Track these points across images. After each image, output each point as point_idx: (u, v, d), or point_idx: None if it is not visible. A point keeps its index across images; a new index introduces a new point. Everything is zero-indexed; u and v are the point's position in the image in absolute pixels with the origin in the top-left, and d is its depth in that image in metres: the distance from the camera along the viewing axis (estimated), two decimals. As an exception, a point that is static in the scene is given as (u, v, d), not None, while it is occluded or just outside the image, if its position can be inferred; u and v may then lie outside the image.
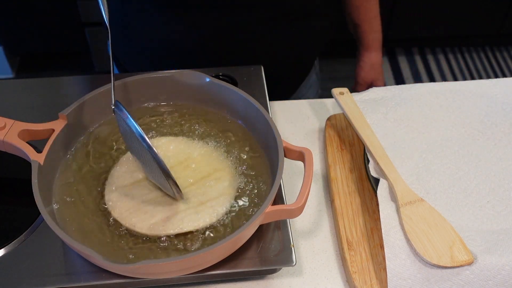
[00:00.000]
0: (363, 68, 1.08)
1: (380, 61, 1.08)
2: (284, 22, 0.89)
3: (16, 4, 2.01)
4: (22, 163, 0.66)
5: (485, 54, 2.47)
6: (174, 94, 0.76)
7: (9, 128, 0.65)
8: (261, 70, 0.85)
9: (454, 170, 0.73)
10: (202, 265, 0.59)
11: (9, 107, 0.81)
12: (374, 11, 1.02)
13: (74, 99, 0.69)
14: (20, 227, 0.65)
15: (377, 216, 0.70)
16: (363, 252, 0.67)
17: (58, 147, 0.67)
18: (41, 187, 0.60)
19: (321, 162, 0.81)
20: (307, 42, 0.95)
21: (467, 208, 0.68)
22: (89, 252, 0.55)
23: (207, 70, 0.81)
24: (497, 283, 0.60)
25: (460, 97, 0.81)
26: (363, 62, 1.08)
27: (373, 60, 1.07)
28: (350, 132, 0.82)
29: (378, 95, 0.81)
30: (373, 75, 1.08)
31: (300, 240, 0.71)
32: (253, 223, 0.57)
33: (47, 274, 0.61)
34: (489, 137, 0.77)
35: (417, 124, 0.78)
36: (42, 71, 2.29)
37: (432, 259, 0.60)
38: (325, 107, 0.90)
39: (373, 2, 1.01)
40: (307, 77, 1.04)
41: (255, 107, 0.69)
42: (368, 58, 1.07)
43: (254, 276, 0.66)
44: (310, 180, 0.61)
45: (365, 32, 1.04)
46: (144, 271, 0.57)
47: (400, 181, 0.68)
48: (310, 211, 0.74)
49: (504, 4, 2.25)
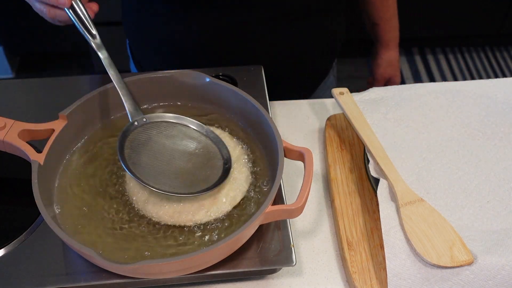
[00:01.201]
0: (381, 65, 1.10)
1: (397, 58, 1.11)
2: (285, 22, 0.89)
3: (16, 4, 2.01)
4: (22, 163, 0.66)
5: (485, 54, 2.47)
6: (174, 94, 0.76)
7: (9, 128, 0.65)
8: (261, 70, 0.85)
9: (454, 170, 0.73)
10: (202, 265, 0.59)
11: (9, 107, 0.81)
12: (392, 9, 1.04)
13: (74, 99, 0.69)
14: (20, 227, 0.65)
15: (377, 216, 0.70)
16: (363, 252, 0.67)
17: (58, 147, 0.67)
18: (41, 187, 0.60)
19: (321, 162, 0.81)
20: (312, 42, 0.95)
21: (467, 208, 0.68)
22: (89, 252, 0.55)
23: (207, 70, 0.82)
24: (497, 283, 0.60)
25: (460, 97, 0.81)
26: (380, 59, 1.10)
27: (391, 57, 1.10)
28: (350, 132, 0.82)
29: (378, 95, 0.81)
30: (391, 71, 1.11)
31: (300, 240, 0.71)
32: (253, 223, 0.57)
33: (47, 274, 0.61)
34: (489, 137, 0.77)
35: (417, 124, 0.78)
36: (42, 71, 2.29)
37: (432, 259, 0.60)
38: (325, 107, 0.90)
39: (391, 1, 1.03)
40: (325, 79, 1.05)
41: (255, 107, 0.69)
42: (386, 55, 1.09)
43: (254, 276, 0.66)
44: (310, 180, 0.61)
45: (383, 30, 1.06)
46: (144, 271, 0.57)
47: (400, 181, 0.68)
48: (310, 211, 0.74)
49: (504, 4, 2.25)
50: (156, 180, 0.63)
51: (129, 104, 0.68)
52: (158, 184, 0.63)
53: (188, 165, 0.66)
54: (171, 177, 0.64)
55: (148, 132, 0.68)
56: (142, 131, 0.67)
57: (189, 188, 0.63)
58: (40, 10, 0.66)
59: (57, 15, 0.65)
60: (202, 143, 0.68)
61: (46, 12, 0.66)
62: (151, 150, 0.66)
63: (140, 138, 0.67)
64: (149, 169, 0.64)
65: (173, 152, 0.67)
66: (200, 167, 0.66)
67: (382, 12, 1.04)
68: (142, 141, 0.67)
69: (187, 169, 0.66)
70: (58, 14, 0.65)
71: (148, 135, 0.67)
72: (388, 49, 1.09)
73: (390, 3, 1.03)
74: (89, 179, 0.68)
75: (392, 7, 1.04)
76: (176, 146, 0.67)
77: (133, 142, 0.66)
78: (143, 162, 0.65)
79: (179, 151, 0.67)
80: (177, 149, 0.67)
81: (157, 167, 0.65)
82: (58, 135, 0.66)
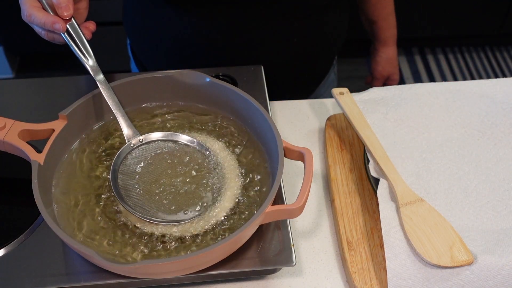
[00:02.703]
0: (379, 63, 1.11)
1: (396, 55, 1.11)
2: (286, 21, 0.89)
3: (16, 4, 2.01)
4: (22, 163, 0.66)
5: (485, 54, 2.46)
6: (174, 94, 0.76)
7: (9, 128, 0.65)
8: (261, 70, 0.85)
9: (454, 170, 0.73)
10: (202, 265, 0.59)
11: (9, 107, 0.81)
12: (390, 7, 1.05)
13: (74, 99, 0.69)
14: (20, 227, 0.65)
15: (377, 216, 0.70)
16: (363, 252, 0.67)
17: (58, 147, 0.67)
18: (41, 187, 0.60)
19: (321, 162, 0.81)
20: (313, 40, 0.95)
21: (467, 208, 0.68)
22: (89, 252, 0.55)
23: (207, 70, 0.82)
24: (497, 283, 0.60)
25: (460, 97, 0.81)
26: (379, 57, 1.11)
27: (390, 55, 1.10)
28: (350, 132, 0.82)
29: (378, 95, 0.81)
30: (390, 69, 1.11)
31: (300, 240, 0.71)
32: (253, 223, 0.57)
33: (47, 274, 0.61)
34: (489, 137, 0.77)
35: (417, 124, 0.78)
36: (42, 71, 2.28)
37: (432, 259, 0.60)
38: (325, 107, 0.90)
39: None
40: (326, 77, 1.05)
41: (255, 107, 0.69)
42: (385, 53, 1.10)
43: (254, 276, 0.66)
44: (310, 180, 0.61)
45: (381, 28, 1.07)
46: (144, 271, 0.57)
47: (400, 181, 0.68)
48: (310, 211, 0.74)
49: (504, 4, 2.25)
50: (147, 205, 0.64)
51: (126, 127, 0.68)
52: (149, 207, 0.63)
53: (180, 189, 0.66)
54: (162, 201, 0.65)
55: (142, 154, 0.68)
56: (136, 154, 0.68)
57: (181, 211, 0.64)
58: (39, 32, 0.68)
59: (55, 38, 0.67)
60: (194, 161, 0.69)
61: (44, 35, 0.68)
62: (144, 173, 0.67)
63: (133, 163, 0.67)
64: (141, 194, 0.65)
65: (165, 174, 0.67)
66: (193, 190, 0.66)
67: (380, 10, 1.04)
68: (134, 166, 0.67)
69: (179, 192, 0.66)
70: (56, 37, 0.67)
71: (141, 158, 0.68)
72: (387, 47, 1.09)
73: (388, 1, 1.03)
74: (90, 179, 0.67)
75: (390, 5, 1.04)
76: (168, 167, 0.68)
77: (126, 165, 0.67)
78: (135, 187, 0.65)
79: (171, 173, 0.67)
80: (169, 171, 0.67)
81: (149, 191, 0.65)
82: (58, 135, 0.66)
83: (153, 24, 0.93)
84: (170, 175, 0.67)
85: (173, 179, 0.66)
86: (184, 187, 0.66)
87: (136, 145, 0.68)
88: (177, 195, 0.65)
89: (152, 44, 0.96)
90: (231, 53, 0.91)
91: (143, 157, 0.68)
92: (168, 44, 0.93)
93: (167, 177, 0.67)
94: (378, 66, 1.11)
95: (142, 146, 0.69)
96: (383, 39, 1.08)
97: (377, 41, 1.09)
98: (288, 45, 0.92)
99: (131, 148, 0.68)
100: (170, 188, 0.66)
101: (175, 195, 0.65)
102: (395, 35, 1.09)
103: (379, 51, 1.10)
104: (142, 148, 0.68)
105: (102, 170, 0.69)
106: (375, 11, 1.05)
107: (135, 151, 0.68)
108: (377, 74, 1.12)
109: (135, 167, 0.67)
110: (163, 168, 0.67)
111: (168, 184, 0.66)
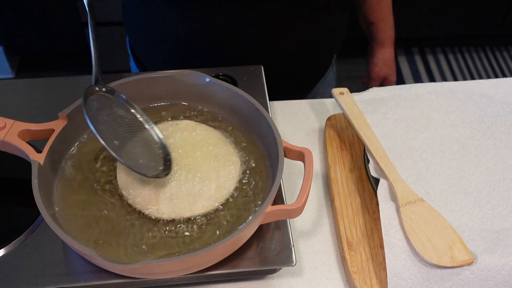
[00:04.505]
0: (377, 64, 1.11)
1: (393, 56, 1.11)
2: (286, 20, 0.89)
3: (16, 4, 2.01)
4: (22, 163, 0.66)
5: (485, 54, 2.47)
6: (174, 94, 0.76)
7: (9, 128, 0.65)
8: (261, 70, 0.85)
9: (454, 170, 0.73)
10: (202, 265, 0.59)
11: (9, 107, 0.81)
12: (388, 9, 1.05)
13: (74, 99, 0.69)
14: (20, 227, 0.65)
15: (377, 216, 0.70)
16: (363, 252, 0.67)
17: (58, 147, 0.67)
18: (41, 187, 0.60)
19: (321, 162, 0.81)
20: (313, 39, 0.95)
21: (467, 208, 0.68)
22: (89, 252, 0.55)
23: (207, 70, 0.82)
24: (497, 283, 0.60)
25: (460, 97, 0.81)
26: (376, 58, 1.11)
27: (386, 56, 1.10)
28: (350, 132, 0.82)
29: (378, 95, 0.81)
30: (387, 70, 1.11)
31: (300, 240, 0.71)
32: (253, 223, 0.57)
33: (47, 274, 0.61)
34: (489, 137, 0.77)
35: (417, 124, 0.78)
36: (42, 71, 2.28)
37: (432, 259, 0.60)
38: (325, 107, 0.90)
39: (386, 0, 1.03)
40: (324, 75, 1.05)
41: (255, 107, 0.70)
42: (382, 54, 1.10)
43: (254, 276, 0.66)
44: (310, 180, 0.61)
45: (379, 29, 1.07)
46: (144, 271, 0.57)
47: (400, 181, 0.68)
48: (310, 211, 0.74)
49: (504, 4, 2.25)
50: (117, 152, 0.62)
51: (97, 70, 0.66)
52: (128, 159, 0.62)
53: (137, 149, 0.65)
54: (128, 153, 0.63)
55: (107, 102, 0.66)
56: (102, 98, 0.65)
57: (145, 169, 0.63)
58: None
59: None
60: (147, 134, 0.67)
61: None
62: (110, 119, 0.65)
63: (100, 104, 0.65)
64: (110, 136, 0.63)
65: (126, 130, 0.66)
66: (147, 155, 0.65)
67: (377, 11, 1.05)
68: (102, 108, 0.64)
69: (137, 152, 0.65)
70: None
71: (107, 105, 0.66)
72: (384, 48, 1.09)
73: (385, 2, 1.03)
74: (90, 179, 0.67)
75: (387, 6, 1.04)
76: (127, 125, 0.66)
77: (94, 104, 0.64)
78: (105, 128, 0.63)
79: (130, 132, 0.66)
80: (129, 129, 0.66)
81: (116, 137, 0.64)
82: (58, 135, 0.66)
83: (153, 24, 0.93)
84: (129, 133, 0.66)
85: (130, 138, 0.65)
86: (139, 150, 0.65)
87: (100, 90, 0.65)
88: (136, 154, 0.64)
89: (152, 44, 0.96)
90: (231, 53, 0.91)
91: (108, 108, 0.65)
92: (168, 44, 0.93)
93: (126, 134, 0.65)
94: (375, 67, 1.11)
95: (106, 95, 0.66)
96: (381, 40, 1.08)
97: (375, 42, 1.09)
98: (288, 45, 0.92)
99: (96, 91, 0.65)
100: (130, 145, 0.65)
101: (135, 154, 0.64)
102: (392, 36, 1.09)
103: (376, 52, 1.10)
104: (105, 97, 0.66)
105: (103, 169, 0.69)
106: (372, 12, 1.05)
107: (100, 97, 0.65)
108: (374, 75, 1.12)
109: (101, 109, 0.64)
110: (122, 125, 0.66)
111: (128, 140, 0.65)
